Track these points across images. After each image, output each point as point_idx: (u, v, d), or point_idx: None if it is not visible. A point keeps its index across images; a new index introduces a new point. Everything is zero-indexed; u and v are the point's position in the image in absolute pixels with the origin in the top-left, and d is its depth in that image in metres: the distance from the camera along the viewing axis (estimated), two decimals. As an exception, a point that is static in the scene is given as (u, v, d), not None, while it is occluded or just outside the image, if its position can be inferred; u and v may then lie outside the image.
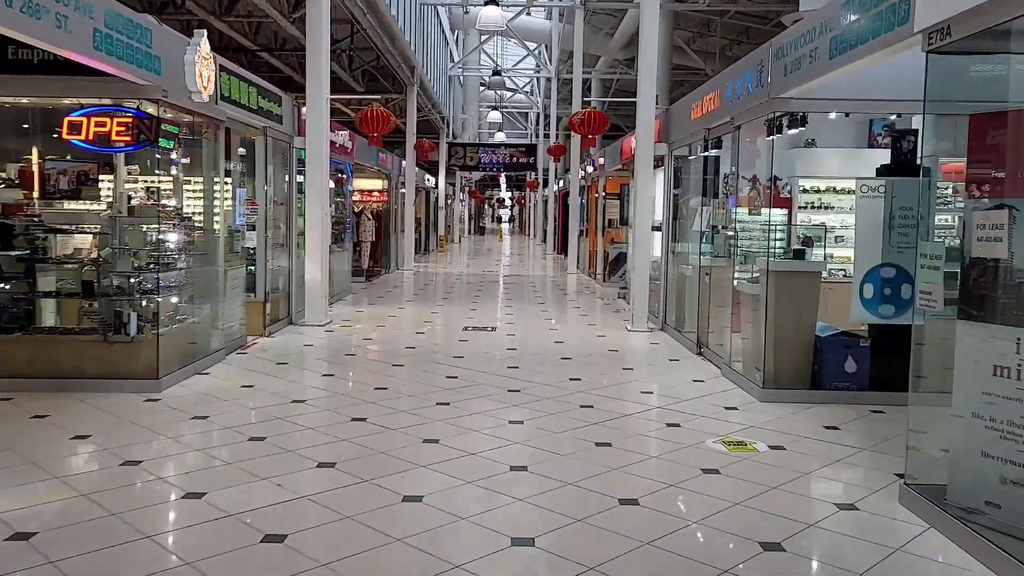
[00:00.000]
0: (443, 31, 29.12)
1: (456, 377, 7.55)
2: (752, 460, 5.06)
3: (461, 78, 34.23)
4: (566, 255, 28.31)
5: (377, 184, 19.87)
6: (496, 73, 24.91)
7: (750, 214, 8.04)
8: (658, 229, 11.03)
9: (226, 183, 9.74)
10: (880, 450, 5.33)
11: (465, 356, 8.66)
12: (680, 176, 10.71)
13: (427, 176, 29.02)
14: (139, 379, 6.81)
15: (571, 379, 7.53)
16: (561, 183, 30.40)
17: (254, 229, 9.53)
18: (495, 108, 23.16)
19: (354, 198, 20.32)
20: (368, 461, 5.01)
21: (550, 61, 30.49)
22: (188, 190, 8.37)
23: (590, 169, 19.76)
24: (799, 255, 6.84)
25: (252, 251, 9.81)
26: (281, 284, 10.73)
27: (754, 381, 6.87)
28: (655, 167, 10.85)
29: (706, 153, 9.20)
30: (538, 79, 40.90)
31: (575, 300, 14.86)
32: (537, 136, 43.20)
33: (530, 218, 55.53)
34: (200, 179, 8.28)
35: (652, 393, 7.06)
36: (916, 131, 6.65)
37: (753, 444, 5.38)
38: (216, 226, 8.25)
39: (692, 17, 20.85)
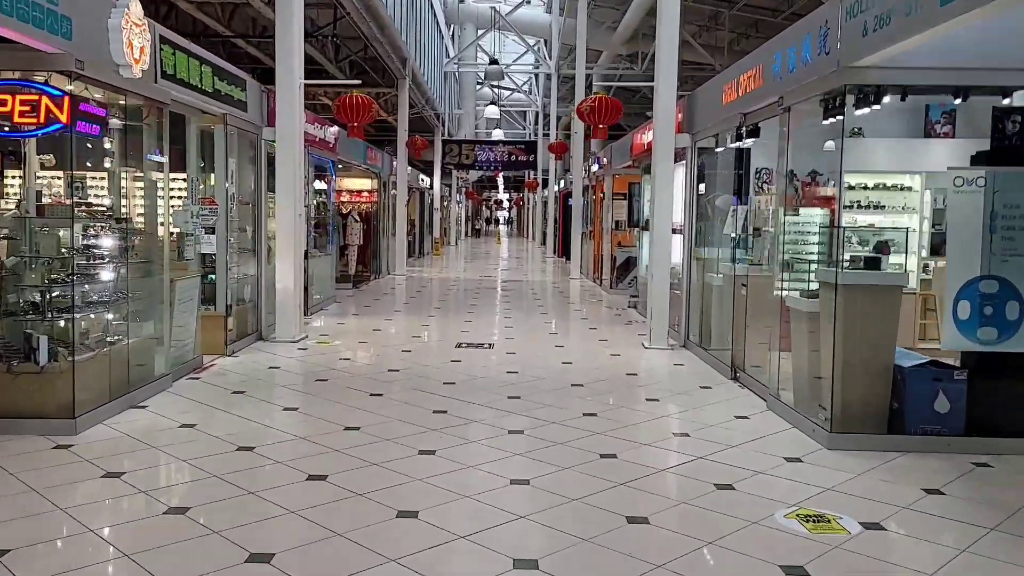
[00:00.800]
0: (438, 25, 27.80)
1: (445, 412, 6.21)
2: (845, 549, 3.71)
3: (457, 74, 32.89)
4: (567, 258, 27.02)
5: (366, 184, 18.52)
6: (493, 62, 23.54)
7: (795, 213, 6.72)
8: (678, 232, 9.69)
9: (176, 178, 8.40)
10: (1015, 531, 3.98)
11: (457, 382, 7.31)
12: (704, 172, 9.37)
13: (421, 176, 27.69)
14: (50, 418, 5.46)
15: (585, 414, 6.19)
16: (562, 183, 29.09)
17: (213, 232, 8.18)
18: (493, 103, 21.84)
19: (341, 199, 19.01)
20: (321, 551, 3.66)
21: (550, 57, 29.20)
22: (129, 187, 7.02)
23: (595, 168, 18.43)
24: (872, 264, 5.50)
25: (212, 258, 8.47)
26: (248, 295, 9.38)
27: (816, 421, 5.53)
28: (674, 161, 9.52)
29: (740, 143, 7.87)
30: (537, 76, 39.63)
31: (581, 309, 13.51)
32: (536, 135, 41.99)
33: (528, 220, 54.23)
34: (140, 173, 6.93)
35: (688, 436, 5.72)
36: None
37: (839, 520, 4.04)
38: (162, 229, 6.90)
39: (699, 10, 19.58)
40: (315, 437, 5.50)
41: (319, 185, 14.58)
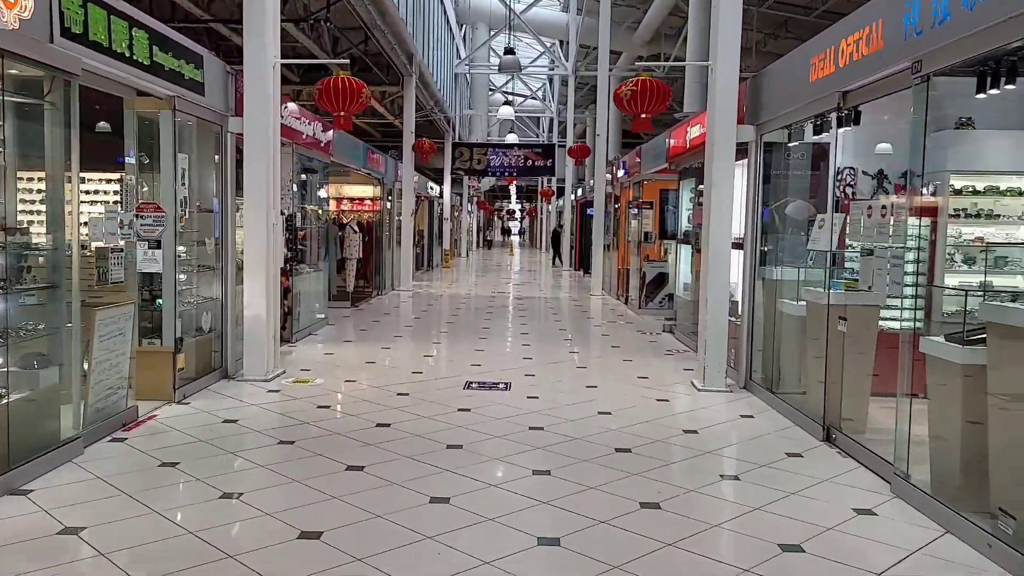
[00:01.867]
0: (448, 24, 26.17)
1: (447, 501, 4.44)
2: None
3: (469, 77, 31.23)
4: (585, 272, 25.26)
5: (367, 191, 16.81)
6: (509, 52, 21.44)
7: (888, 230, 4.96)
8: (737, 247, 7.89)
9: (108, 179, 6.72)
10: None
11: (464, 445, 5.55)
12: (772, 172, 7.60)
13: (430, 184, 26.02)
14: None
15: (642, 505, 4.41)
16: (579, 191, 27.36)
17: (159, 247, 6.45)
18: (508, 103, 20.09)
19: (341, 207, 17.33)
20: None
21: (566, 58, 27.52)
22: (24, 188, 5.32)
23: (620, 173, 16.66)
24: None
25: (157, 278, 6.75)
26: (210, 323, 7.65)
27: (1002, 536, 3.72)
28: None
29: (824, 135, 6.10)
30: (552, 80, 37.96)
31: (609, 334, 11.71)
32: (552, 142, 40.08)
33: (542, 231, 52.51)
34: (42, 170, 5.23)
35: (802, 551, 3.91)
36: None
37: None
38: (71, 242, 5.16)
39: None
40: (251, 553, 3.73)
41: (321, 193, 12.92)
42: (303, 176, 11.55)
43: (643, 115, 7.35)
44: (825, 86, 5.93)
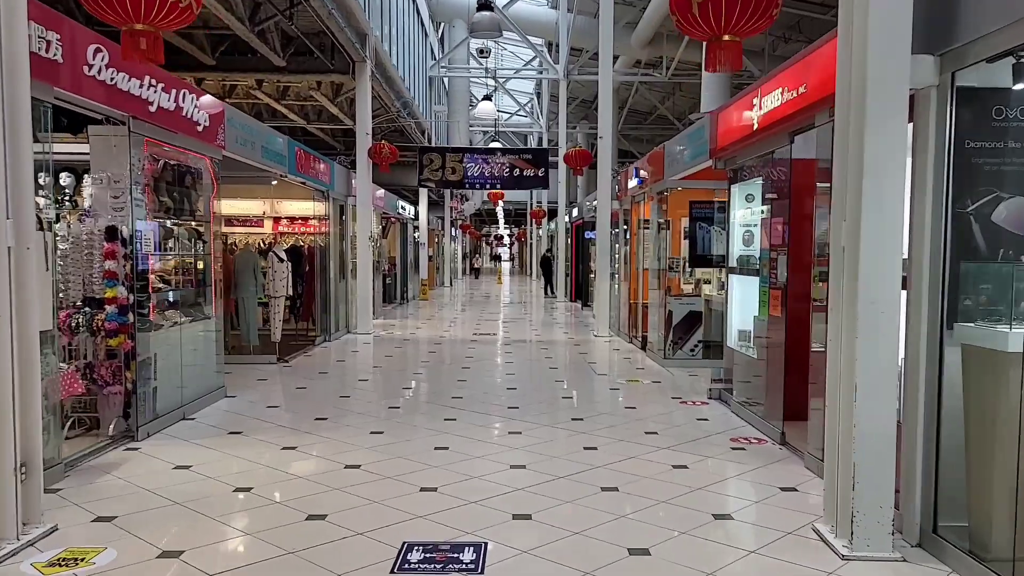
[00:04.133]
0: (420, 19, 22.78)
1: None
2: None
3: (446, 83, 27.83)
4: (582, 304, 21.70)
5: (306, 207, 13.21)
6: (484, 6, 16.47)
7: None
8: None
9: None
10: None
11: None
12: (967, 145, 4.04)
13: (402, 204, 22.48)
14: None
15: None
16: (574, 212, 23.86)
17: None
18: (488, 98, 16.48)
19: (276, 228, 13.74)
20: None
21: (555, 61, 24.19)
22: None
23: (631, 184, 13.13)
24: None
25: None
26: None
27: None
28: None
29: None
30: (540, 95, 34.60)
31: (635, 405, 8.07)
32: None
33: (532, 257, 49.01)
34: None
35: None
36: None
37: None
38: None
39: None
40: None
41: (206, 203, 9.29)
42: (184, 178, 7.92)
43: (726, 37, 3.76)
44: None
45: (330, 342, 13.17)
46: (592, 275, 21.46)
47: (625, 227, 14.45)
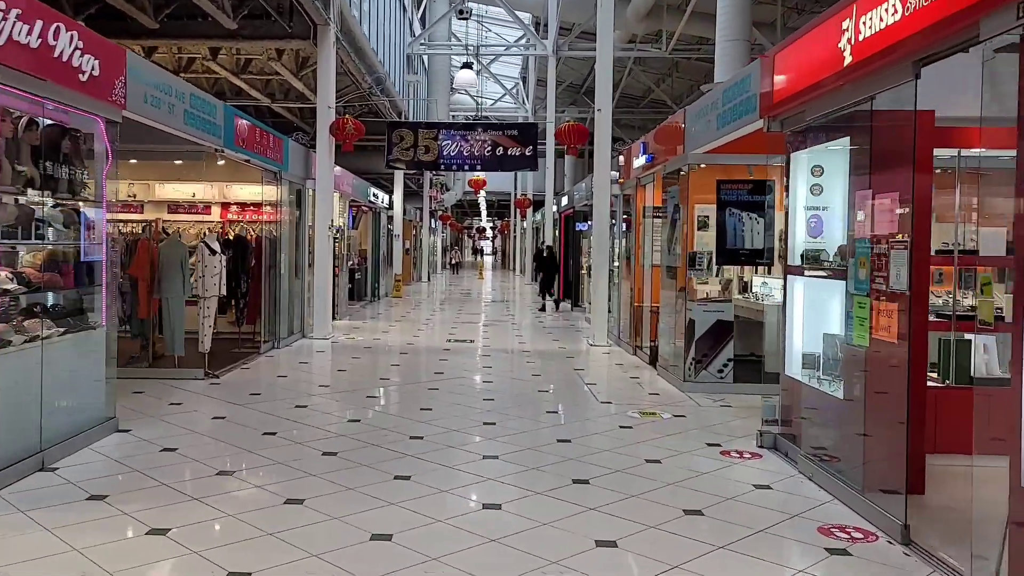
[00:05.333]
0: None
1: None
2: None
3: (426, 62, 25.65)
4: (573, 305, 19.60)
5: (255, 192, 11.04)
6: None
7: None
8: None
9: None
10: None
11: None
12: None
13: (374, 191, 20.31)
14: None
15: None
16: (563, 200, 21.79)
17: None
18: (468, 65, 14.39)
19: (227, 216, 11.63)
20: None
21: (544, 38, 22.08)
22: None
23: (637, 163, 11.05)
24: None
25: None
26: None
27: None
28: None
29: None
30: (526, 79, 32.47)
31: (663, 461, 5.98)
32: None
33: (515, 250, 46.93)
34: None
35: None
36: None
37: None
38: None
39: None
40: None
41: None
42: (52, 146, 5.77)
43: None
44: None
45: (279, 349, 11.02)
46: (584, 272, 19.46)
47: (627, 216, 12.39)
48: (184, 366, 8.40)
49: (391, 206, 23.54)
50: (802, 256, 5.91)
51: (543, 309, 18.58)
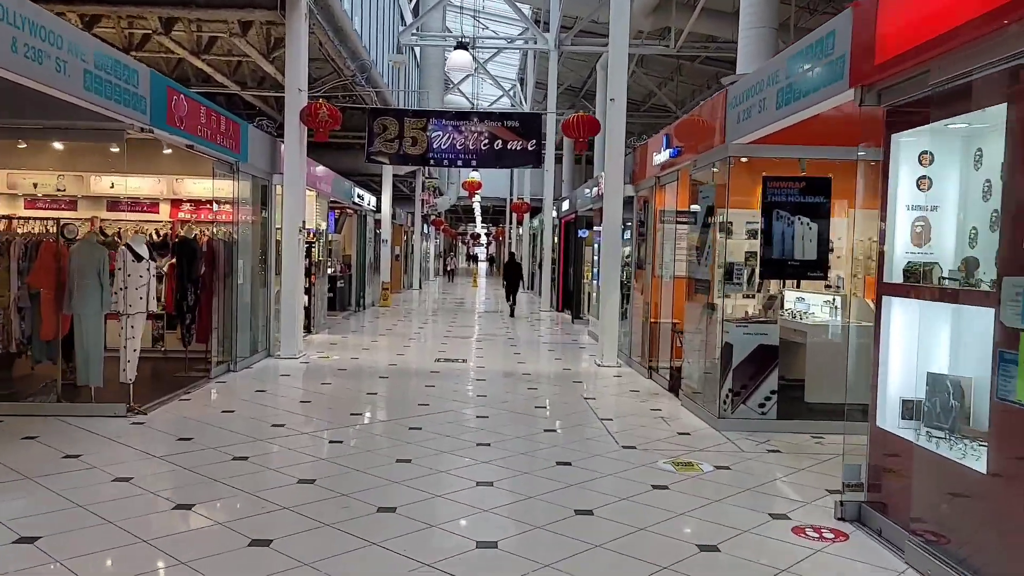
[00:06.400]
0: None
1: None
2: None
3: (418, 54, 24.14)
4: (573, 316, 18.01)
5: (224, 187, 9.44)
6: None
7: None
8: None
9: None
10: None
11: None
12: None
13: (359, 192, 18.74)
14: None
15: None
16: (566, 204, 20.23)
17: None
18: (462, 46, 12.95)
19: (178, 215, 10.15)
20: None
21: (544, 32, 20.56)
22: None
23: (659, 158, 9.51)
24: None
25: None
26: None
27: None
28: None
29: None
30: (524, 81, 30.96)
31: (720, 545, 4.43)
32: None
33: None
34: None
35: None
36: None
37: None
38: None
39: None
40: None
41: None
42: None
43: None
44: None
45: (235, 373, 9.43)
46: (585, 281, 17.95)
47: (641, 220, 10.86)
48: (104, 399, 6.80)
49: (379, 209, 21.98)
50: (906, 271, 4.36)
51: (512, 313, 19.00)
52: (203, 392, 8.11)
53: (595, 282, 15.51)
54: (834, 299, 7.79)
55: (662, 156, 9.32)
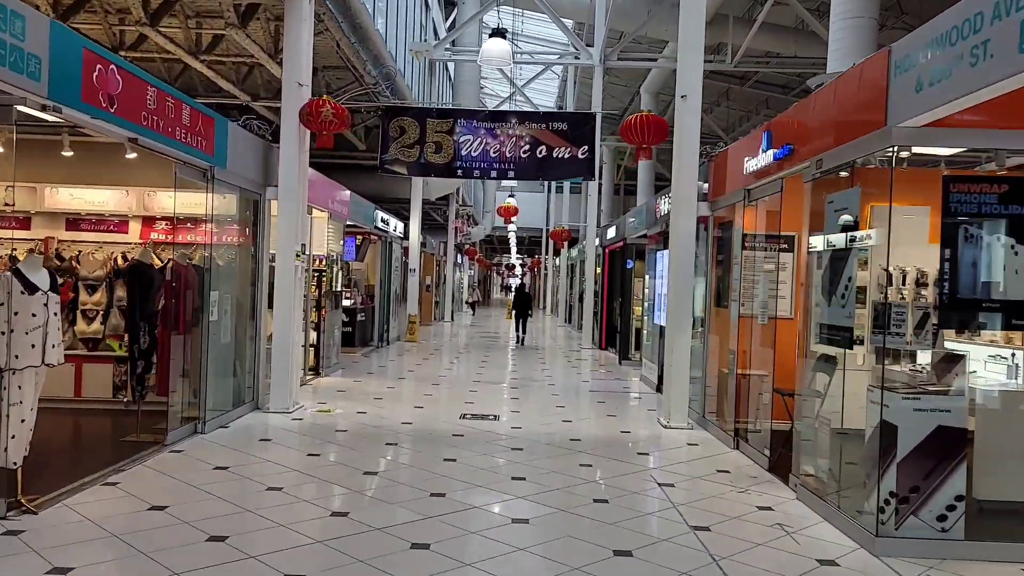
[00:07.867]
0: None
1: None
2: None
3: (451, 70, 22.29)
4: (620, 358, 15.61)
5: (197, 201, 7.43)
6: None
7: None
8: None
9: None
10: None
11: None
12: None
13: (383, 217, 16.77)
14: None
15: None
16: (612, 230, 18.03)
17: None
18: (498, 32, 10.93)
19: (119, 235, 8.17)
20: None
21: (588, 45, 18.52)
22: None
23: (757, 163, 7.27)
24: None
25: None
26: None
27: None
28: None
29: None
30: (561, 107, 29.00)
31: None
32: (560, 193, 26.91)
33: (546, 288, 43.17)
34: None
35: None
36: None
37: None
38: None
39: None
40: None
41: None
42: None
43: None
44: None
45: (203, 435, 7.32)
46: (635, 315, 15.73)
47: (716, 242, 8.65)
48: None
49: (406, 235, 19.97)
50: None
51: (521, 344, 19.25)
52: (142, 470, 5.98)
53: (646, 318, 13.32)
54: (1014, 354, 5.52)
55: (758, 161, 7.10)
